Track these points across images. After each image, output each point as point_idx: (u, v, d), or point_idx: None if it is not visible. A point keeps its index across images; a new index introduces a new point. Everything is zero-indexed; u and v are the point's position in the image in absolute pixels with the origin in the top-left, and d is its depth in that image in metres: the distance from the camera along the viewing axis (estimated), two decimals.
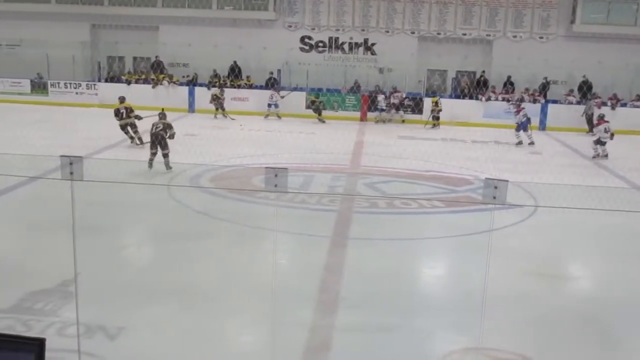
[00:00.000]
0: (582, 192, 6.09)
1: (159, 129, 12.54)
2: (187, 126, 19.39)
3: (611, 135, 16.14)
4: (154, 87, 23.45)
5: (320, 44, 25.11)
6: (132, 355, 5.52)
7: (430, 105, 21.52)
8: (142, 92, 22.32)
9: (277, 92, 22.21)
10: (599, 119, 16.88)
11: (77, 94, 23.77)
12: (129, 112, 15.70)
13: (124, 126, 15.70)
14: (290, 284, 6.73)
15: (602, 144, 16.27)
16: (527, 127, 18.25)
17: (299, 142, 16.97)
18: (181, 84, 23.90)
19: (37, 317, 6.03)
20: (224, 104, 21.63)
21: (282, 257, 8.01)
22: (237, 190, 11.21)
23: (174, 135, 12.82)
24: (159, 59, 24.57)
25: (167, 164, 12.48)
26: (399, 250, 8.83)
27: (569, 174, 12.75)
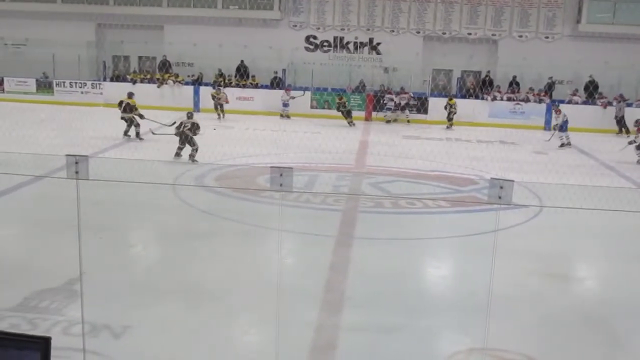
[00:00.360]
0: (587, 192, 6.07)
1: (186, 128, 13.41)
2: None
3: None
4: (160, 87, 23.50)
5: (325, 44, 25.09)
6: (137, 354, 5.53)
7: (447, 105, 21.39)
8: (147, 92, 22.35)
9: (286, 92, 22.23)
10: (638, 125, 16.59)
11: (82, 93, 23.83)
12: (130, 108, 16.24)
13: (124, 118, 16.37)
14: (295, 283, 6.73)
15: None
16: (566, 128, 18.18)
17: (304, 142, 16.96)
18: (186, 84, 23.92)
19: (43, 315, 6.04)
20: (224, 104, 21.53)
21: (287, 257, 8.01)
22: (242, 189, 11.22)
23: (197, 133, 13.60)
24: (166, 58, 24.62)
25: (191, 157, 13.42)
26: (404, 250, 8.82)
27: (574, 174, 12.70)
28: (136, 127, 16.32)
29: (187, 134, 13.42)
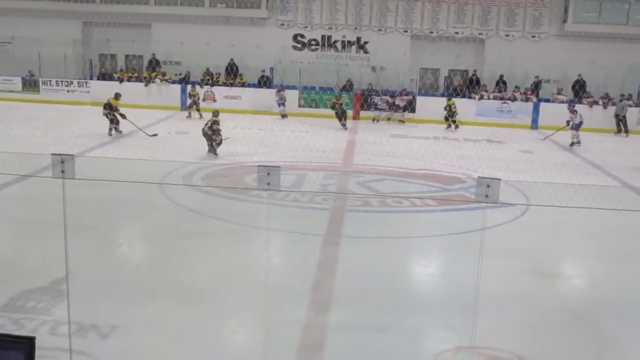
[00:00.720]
0: (574, 190, 6.09)
1: (207, 126, 14.35)
2: (179, 124, 19.40)
3: None
4: (147, 85, 23.39)
5: (312, 42, 25.08)
6: (124, 354, 5.50)
7: (446, 106, 21.25)
8: (134, 90, 22.29)
9: (277, 93, 22.20)
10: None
11: (68, 91, 23.68)
12: (111, 106, 16.44)
13: (106, 115, 16.57)
14: (283, 282, 6.73)
15: None
16: (579, 127, 18.25)
17: (291, 141, 16.95)
18: (174, 82, 23.83)
19: (29, 315, 6.00)
20: (199, 102, 21.27)
21: (275, 256, 8.01)
22: (229, 188, 11.20)
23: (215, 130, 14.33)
24: (154, 56, 24.50)
25: (213, 150, 14.25)
26: (392, 248, 8.84)
27: (561, 172, 12.77)
28: (116, 124, 16.41)
29: (206, 132, 14.24)
